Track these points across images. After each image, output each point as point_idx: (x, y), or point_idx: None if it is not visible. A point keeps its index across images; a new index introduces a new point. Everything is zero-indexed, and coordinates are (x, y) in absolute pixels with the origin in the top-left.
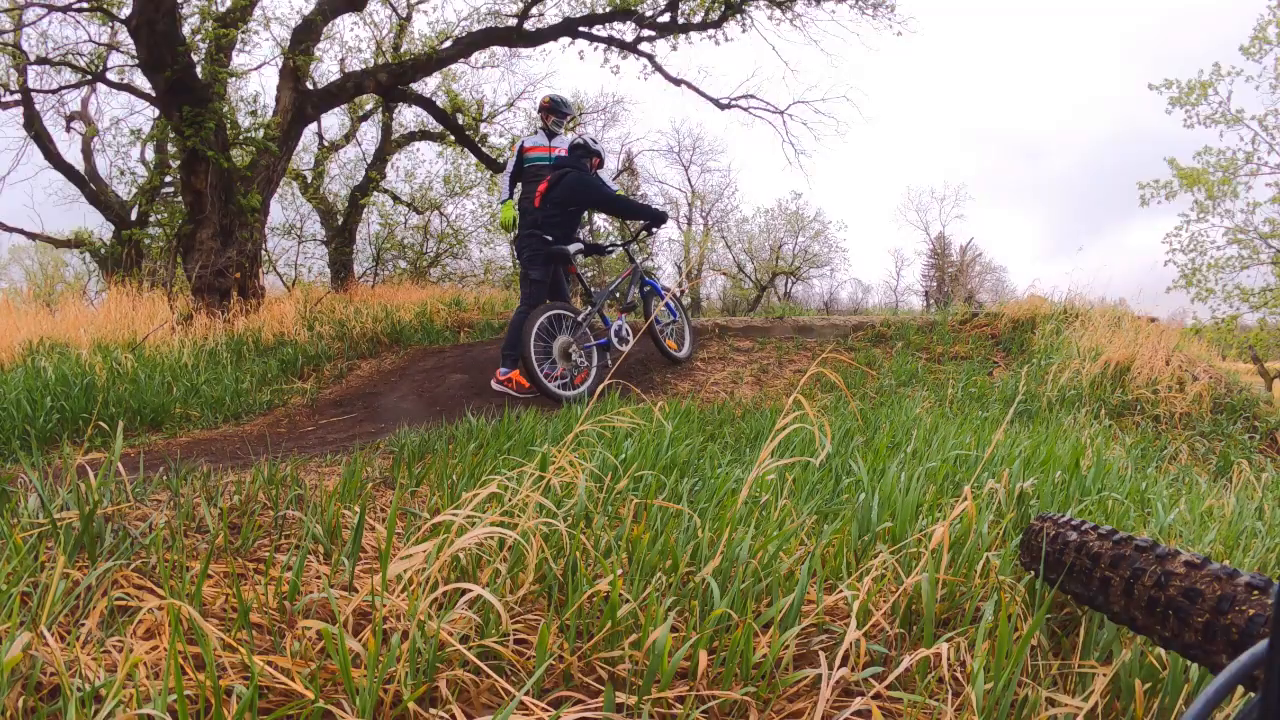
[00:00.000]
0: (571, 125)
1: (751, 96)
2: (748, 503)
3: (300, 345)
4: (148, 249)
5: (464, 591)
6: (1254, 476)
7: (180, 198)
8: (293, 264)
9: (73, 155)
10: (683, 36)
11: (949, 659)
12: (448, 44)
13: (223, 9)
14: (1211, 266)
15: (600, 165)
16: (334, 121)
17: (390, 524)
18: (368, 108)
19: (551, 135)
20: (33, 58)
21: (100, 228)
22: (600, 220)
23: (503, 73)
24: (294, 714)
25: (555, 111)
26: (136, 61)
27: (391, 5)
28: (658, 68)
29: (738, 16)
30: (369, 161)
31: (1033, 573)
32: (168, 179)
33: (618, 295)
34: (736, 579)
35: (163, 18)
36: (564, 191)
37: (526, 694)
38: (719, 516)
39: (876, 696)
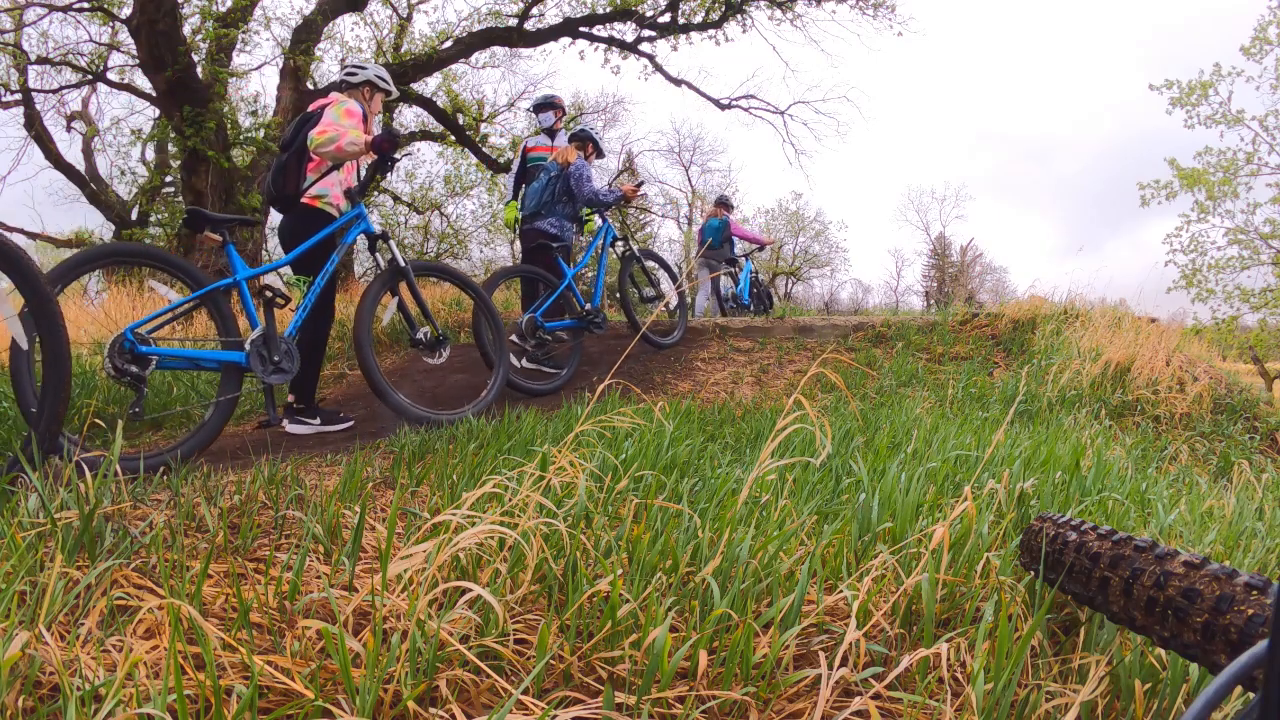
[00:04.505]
0: (568, 123)
1: (752, 97)
2: (748, 503)
3: None
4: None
5: (464, 591)
6: (1254, 477)
7: (181, 198)
8: None
9: (73, 155)
10: (683, 37)
11: (949, 659)
12: (448, 44)
13: (223, 9)
14: (1212, 267)
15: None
16: None
17: (390, 524)
18: None
19: (553, 135)
20: (33, 58)
21: (101, 228)
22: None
23: (503, 73)
24: (294, 713)
25: (549, 107)
26: (137, 61)
27: (392, 5)
28: (658, 68)
29: (738, 17)
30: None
31: (1033, 573)
32: (168, 179)
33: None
34: (736, 579)
35: (163, 17)
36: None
37: (525, 693)
38: (719, 517)
39: (876, 696)
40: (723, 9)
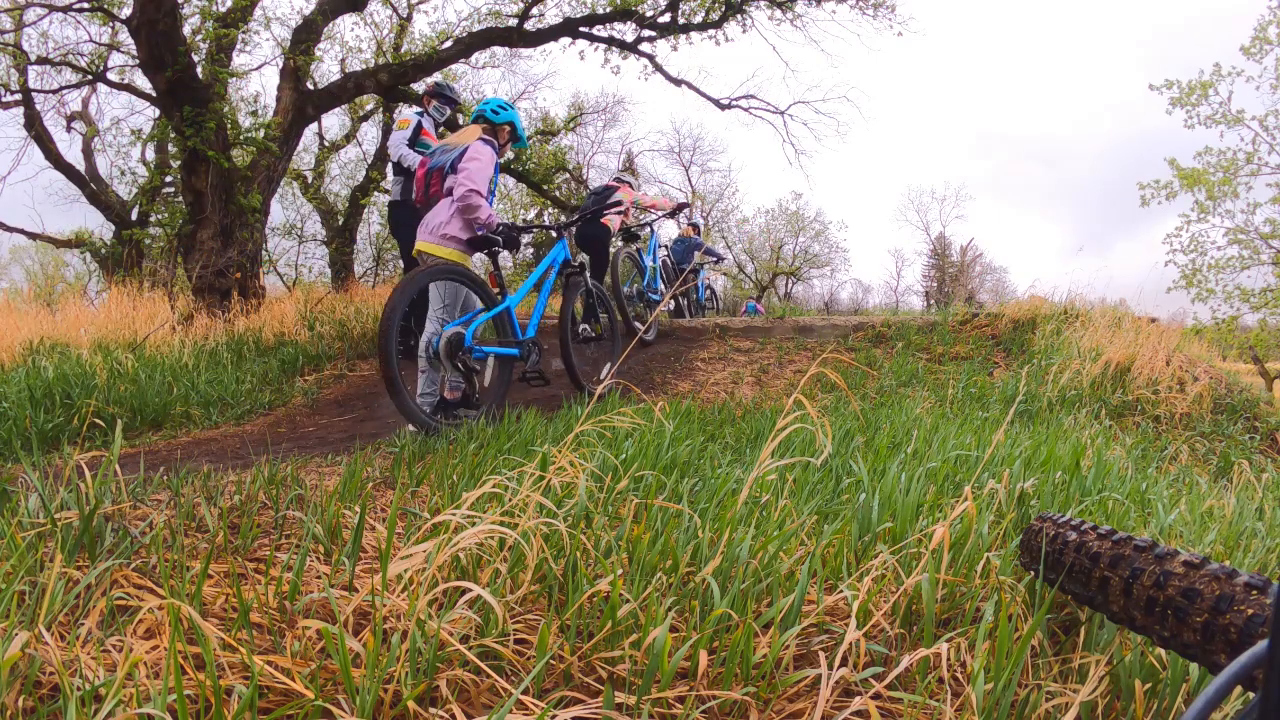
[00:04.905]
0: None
1: (752, 97)
2: (748, 503)
3: (301, 345)
4: (148, 249)
5: (464, 591)
6: (1254, 477)
7: (181, 198)
8: (293, 264)
9: (73, 155)
10: (683, 37)
11: (949, 659)
12: (448, 44)
13: (223, 9)
14: (1212, 267)
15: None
16: (335, 122)
17: (390, 524)
18: (368, 108)
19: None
20: (33, 58)
21: (101, 228)
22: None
23: (503, 73)
24: (294, 713)
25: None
26: (137, 61)
27: (392, 5)
28: (658, 68)
29: (738, 17)
30: (370, 162)
31: (1033, 573)
32: (168, 179)
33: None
34: (737, 579)
35: (164, 17)
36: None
37: (525, 693)
38: (719, 517)
39: (876, 696)
40: (723, 9)
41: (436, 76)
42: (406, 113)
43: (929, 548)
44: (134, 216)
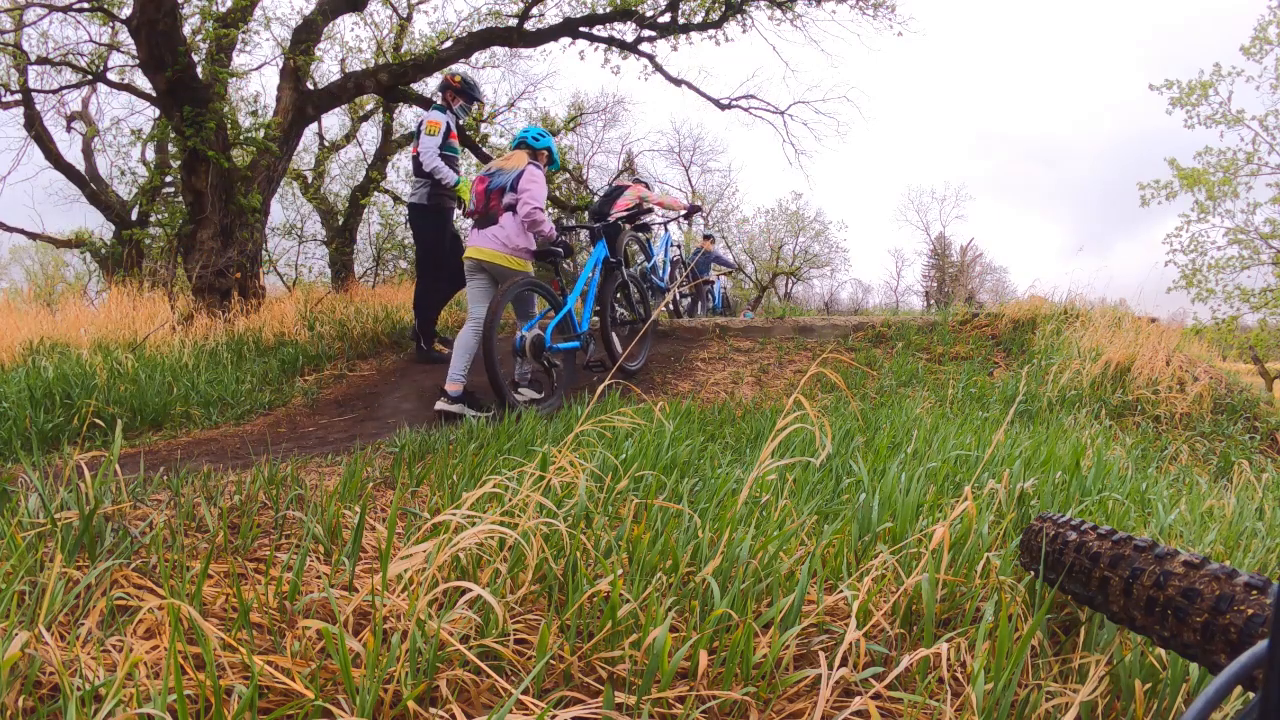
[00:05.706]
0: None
1: (752, 97)
2: (748, 503)
3: (301, 345)
4: (148, 249)
5: (464, 591)
6: (1254, 477)
7: (181, 198)
8: (293, 264)
9: (73, 155)
10: (683, 37)
11: (949, 659)
12: (448, 44)
13: (223, 9)
14: (1212, 267)
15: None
16: (335, 122)
17: (390, 524)
18: (368, 108)
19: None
20: (33, 58)
21: (101, 228)
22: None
23: (503, 73)
24: (294, 713)
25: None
26: (137, 61)
27: (392, 5)
28: (658, 68)
29: (738, 17)
30: (370, 162)
31: (1033, 573)
32: (168, 179)
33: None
34: (737, 579)
35: (163, 18)
36: None
37: (525, 693)
38: (719, 517)
39: (876, 696)
40: (723, 9)
41: (437, 77)
42: (433, 115)
43: (929, 548)
44: (134, 216)
